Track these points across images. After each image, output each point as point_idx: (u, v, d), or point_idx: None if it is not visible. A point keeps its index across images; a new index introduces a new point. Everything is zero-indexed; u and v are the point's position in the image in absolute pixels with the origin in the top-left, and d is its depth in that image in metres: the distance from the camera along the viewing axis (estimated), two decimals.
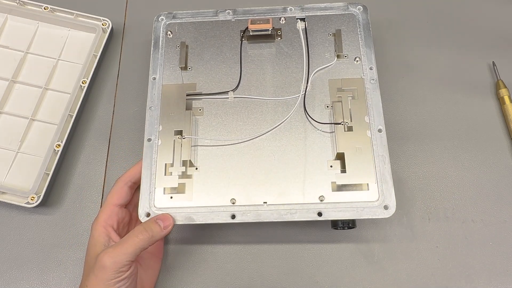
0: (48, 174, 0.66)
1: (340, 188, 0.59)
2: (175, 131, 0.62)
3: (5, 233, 0.67)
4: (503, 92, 0.71)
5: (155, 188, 0.60)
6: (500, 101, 0.71)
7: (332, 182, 0.59)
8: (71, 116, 0.70)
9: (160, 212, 0.58)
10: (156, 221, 0.56)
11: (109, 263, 0.52)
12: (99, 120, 0.73)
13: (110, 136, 0.72)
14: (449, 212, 0.66)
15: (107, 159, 0.71)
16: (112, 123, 0.73)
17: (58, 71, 0.75)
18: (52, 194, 0.69)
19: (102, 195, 0.69)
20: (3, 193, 0.66)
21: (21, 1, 0.76)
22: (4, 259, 0.66)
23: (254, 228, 0.66)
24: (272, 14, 0.70)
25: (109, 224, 0.58)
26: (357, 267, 0.64)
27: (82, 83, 0.71)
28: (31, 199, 0.65)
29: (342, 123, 0.61)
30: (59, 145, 0.68)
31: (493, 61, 0.74)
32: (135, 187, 0.63)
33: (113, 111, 0.74)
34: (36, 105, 0.72)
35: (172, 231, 0.64)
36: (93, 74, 0.73)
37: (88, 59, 0.73)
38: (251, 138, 0.62)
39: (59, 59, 0.75)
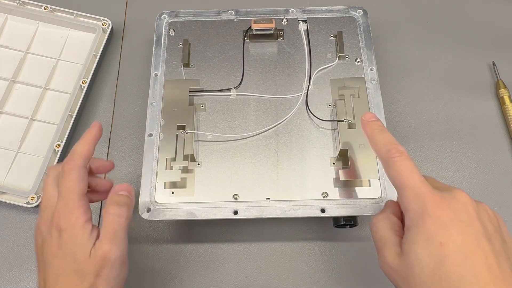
0: None
1: (343, 184, 0.59)
2: (177, 125, 0.62)
3: (5, 233, 0.66)
4: (503, 92, 0.71)
5: (156, 182, 0.60)
6: (500, 101, 0.72)
7: (334, 179, 0.59)
8: (71, 116, 0.69)
9: (162, 208, 0.58)
10: (119, 193, 0.50)
11: (116, 257, 0.47)
12: (99, 120, 0.73)
13: (110, 136, 0.72)
14: None
15: (107, 159, 0.71)
16: (112, 123, 0.73)
17: (58, 71, 0.75)
18: None
19: None
20: (3, 193, 0.66)
21: (21, 1, 0.76)
22: (4, 259, 0.65)
23: (254, 226, 0.66)
24: (274, 15, 0.70)
25: (89, 217, 0.49)
26: (358, 267, 0.64)
27: (82, 83, 0.71)
28: (31, 199, 0.64)
29: (345, 120, 0.62)
30: (59, 145, 0.67)
31: (493, 61, 0.74)
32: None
33: (113, 111, 0.73)
34: (36, 105, 0.71)
35: (171, 229, 0.65)
36: (93, 74, 0.73)
37: (88, 59, 0.73)
38: (253, 134, 0.63)
39: (59, 59, 0.75)
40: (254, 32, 0.68)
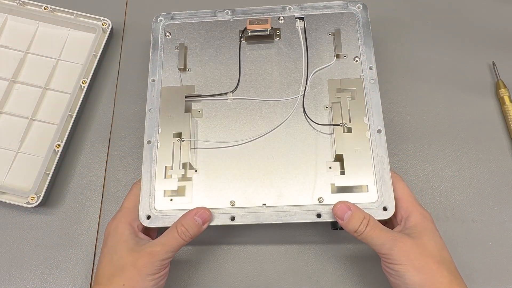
0: (48, 174, 0.66)
1: (339, 189, 0.59)
2: (174, 133, 0.62)
3: (5, 233, 0.67)
4: (503, 92, 0.70)
5: (155, 190, 0.60)
6: (500, 101, 0.71)
7: (331, 184, 0.59)
8: (71, 116, 0.70)
9: (161, 215, 0.59)
10: (194, 217, 0.57)
11: (155, 258, 0.54)
12: (99, 120, 0.73)
13: (110, 136, 0.72)
14: (449, 212, 0.66)
15: (107, 159, 0.71)
16: (112, 123, 0.73)
17: (58, 71, 0.75)
18: (52, 194, 0.69)
19: (102, 195, 0.69)
20: (3, 193, 0.66)
21: (21, 1, 0.76)
22: (4, 259, 0.66)
23: (253, 228, 0.66)
24: (271, 13, 0.69)
25: (133, 225, 0.59)
26: (357, 267, 0.64)
27: (82, 83, 0.71)
28: (31, 199, 0.65)
29: (341, 124, 0.61)
30: (59, 145, 0.68)
31: (493, 61, 0.73)
32: None
33: (113, 111, 0.74)
34: (36, 105, 0.72)
35: None
36: (93, 74, 0.73)
37: (88, 59, 0.73)
38: (250, 140, 0.62)
39: (59, 59, 0.75)
40: (249, 34, 0.67)
